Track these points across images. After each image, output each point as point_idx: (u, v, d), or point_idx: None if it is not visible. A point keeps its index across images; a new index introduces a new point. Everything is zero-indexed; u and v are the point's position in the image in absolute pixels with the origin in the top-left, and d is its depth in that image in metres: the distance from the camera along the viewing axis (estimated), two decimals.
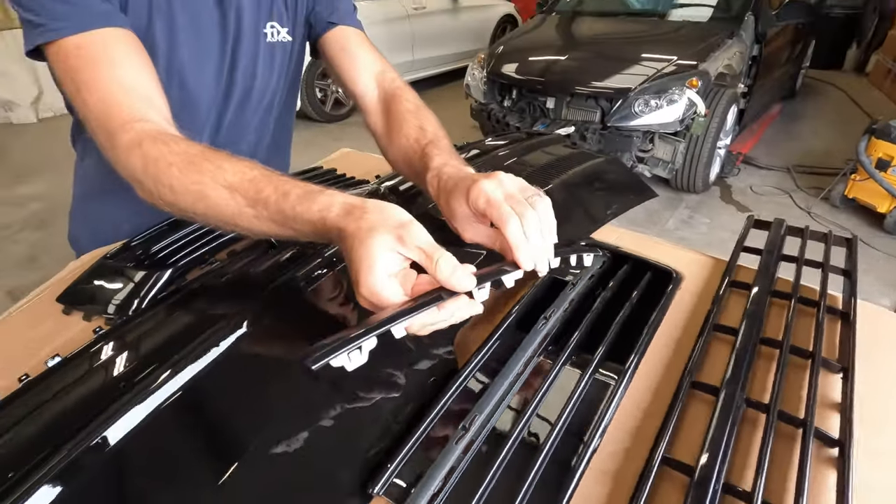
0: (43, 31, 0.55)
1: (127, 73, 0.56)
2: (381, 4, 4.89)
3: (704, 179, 2.95)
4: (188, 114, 0.73)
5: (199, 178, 0.49)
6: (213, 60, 0.72)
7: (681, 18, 3.31)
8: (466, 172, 0.54)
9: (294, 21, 0.79)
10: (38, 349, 0.61)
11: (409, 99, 0.73)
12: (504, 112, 3.12)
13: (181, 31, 0.68)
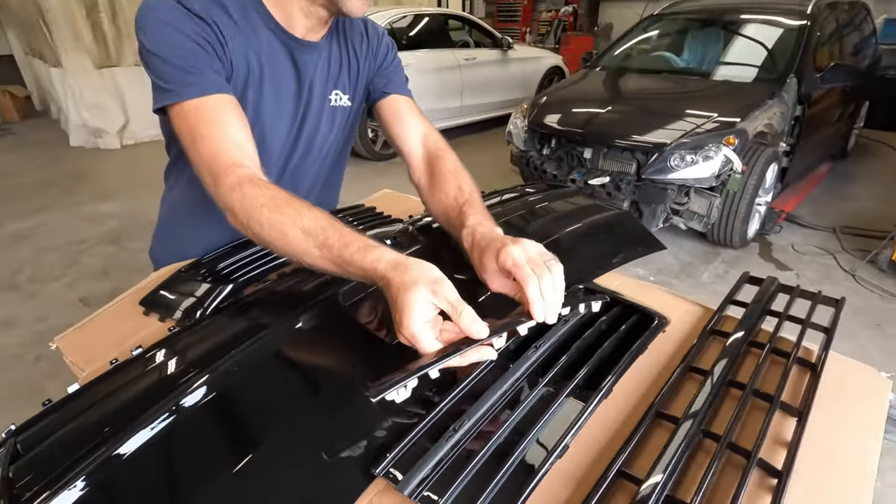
0: (170, 95, 0.73)
1: (231, 130, 0.72)
2: (435, 54, 5.23)
3: (742, 235, 2.94)
4: (262, 159, 0.89)
5: (282, 219, 0.63)
6: (287, 119, 0.89)
7: (724, 78, 3.39)
8: (497, 234, 0.66)
9: (354, 89, 0.96)
10: (124, 341, 0.75)
11: (450, 160, 0.87)
12: (542, 160, 3.25)
13: (266, 97, 0.85)
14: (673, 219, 2.94)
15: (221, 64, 0.76)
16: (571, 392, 0.58)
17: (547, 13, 9.55)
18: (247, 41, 0.80)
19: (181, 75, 0.72)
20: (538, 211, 1.03)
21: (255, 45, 0.81)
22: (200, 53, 0.73)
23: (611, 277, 0.89)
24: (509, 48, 5.86)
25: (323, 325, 0.68)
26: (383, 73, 0.97)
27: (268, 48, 0.82)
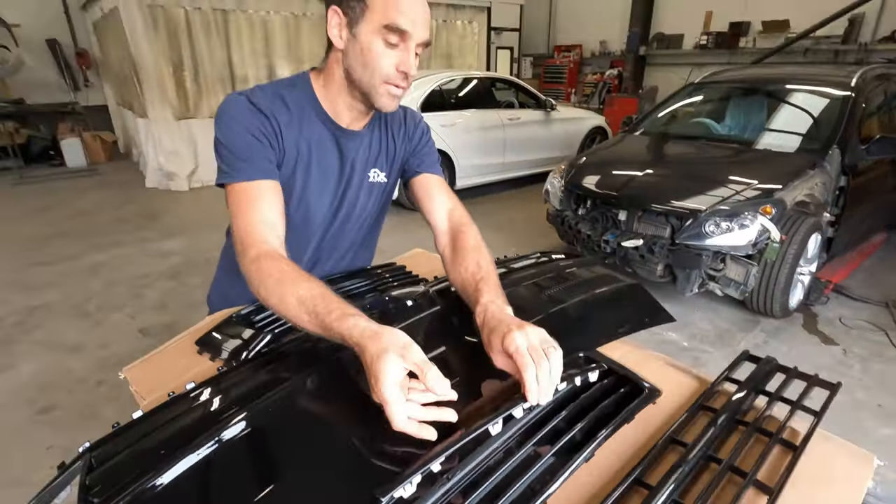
0: (225, 176, 0.91)
1: (264, 210, 0.88)
2: (480, 114, 5.51)
3: (783, 305, 2.86)
4: (306, 226, 1.06)
5: (282, 289, 0.76)
6: (329, 194, 1.05)
7: (765, 147, 3.40)
8: (505, 316, 0.74)
9: (391, 168, 1.11)
10: (180, 376, 0.88)
11: (472, 236, 0.98)
12: (577, 220, 3.33)
13: (312, 177, 1.01)
14: (709, 284, 2.91)
15: (274, 152, 0.93)
16: (555, 453, 0.65)
17: (592, 75, 9.86)
18: (300, 131, 0.97)
19: (236, 162, 0.90)
20: (552, 278, 1.12)
21: (306, 134, 0.98)
22: (255, 145, 0.90)
23: (616, 345, 0.95)
24: (552, 109, 6.10)
25: (342, 375, 0.78)
26: (417, 155, 1.12)
27: (317, 136, 0.99)
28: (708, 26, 8.03)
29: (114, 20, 6.00)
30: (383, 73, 0.89)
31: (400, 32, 0.86)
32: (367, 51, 0.87)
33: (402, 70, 0.89)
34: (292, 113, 0.95)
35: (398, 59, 0.88)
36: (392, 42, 0.86)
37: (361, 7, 0.85)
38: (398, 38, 0.86)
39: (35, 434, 2.14)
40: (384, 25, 0.85)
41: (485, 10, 8.66)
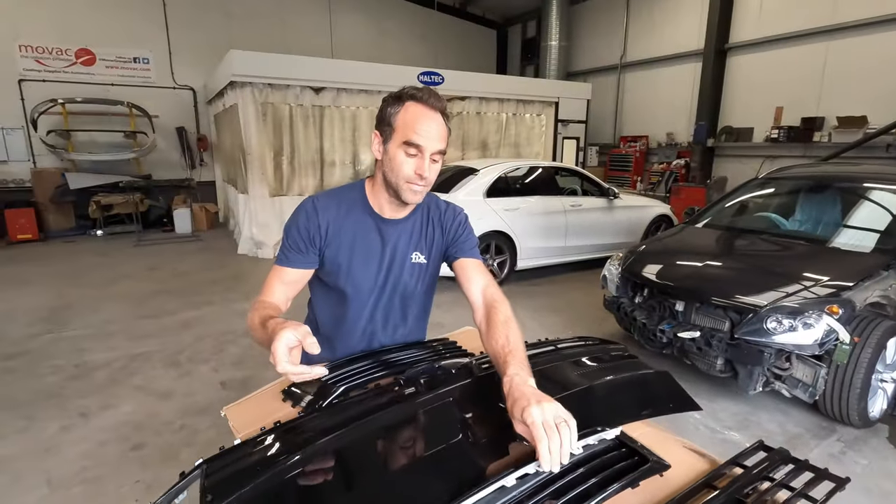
0: (279, 258, 1.30)
1: (277, 289, 1.27)
2: (544, 200, 5.80)
3: (861, 413, 2.66)
4: (357, 295, 1.35)
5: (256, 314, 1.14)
6: (374, 269, 1.33)
7: (834, 245, 3.32)
8: (527, 388, 0.88)
9: (430, 251, 1.37)
10: (268, 416, 1.09)
11: (503, 312, 1.17)
12: (634, 307, 3.37)
13: (357, 255, 1.30)
14: (774, 384, 2.79)
15: (315, 248, 1.29)
16: (572, 501, 0.77)
17: (659, 165, 10.01)
18: (345, 221, 1.30)
19: (289, 252, 1.29)
20: (583, 362, 1.25)
21: (352, 223, 1.31)
22: (300, 241, 1.28)
23: (639, 426, 1.05)
24: (615, 197, 6.27)
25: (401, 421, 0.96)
26: (456, 243, 1.37)
27: (362, 225, 1.31)
28: (779, 121, 8.04)
29: (232, 113, 7.13)
30: (405, 175, 1.19)
31: (416, 146, 1.16)
32: (394, 160, 1.20)
33: (418, 173, 1.18)
34: (341, 208, 1.30)
35: (416, 165, 1.18)
36: (411, 153, 1.18)
37: (391, 130, 1.19)
38: (416, 150, 1.17)
39: (126, 468, 2.42)
40: (404, 142, 1.17)
41: (553, 105, 9.28)
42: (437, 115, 1.18)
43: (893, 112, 6.60)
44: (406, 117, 1.16)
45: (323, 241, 1.28)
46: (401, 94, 1.19)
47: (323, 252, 1.29)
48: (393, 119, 1.18)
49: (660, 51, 9.99)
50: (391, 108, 1.19)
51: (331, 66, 7.26)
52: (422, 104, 1.16)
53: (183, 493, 0.91)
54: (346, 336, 1.39)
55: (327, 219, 1.28)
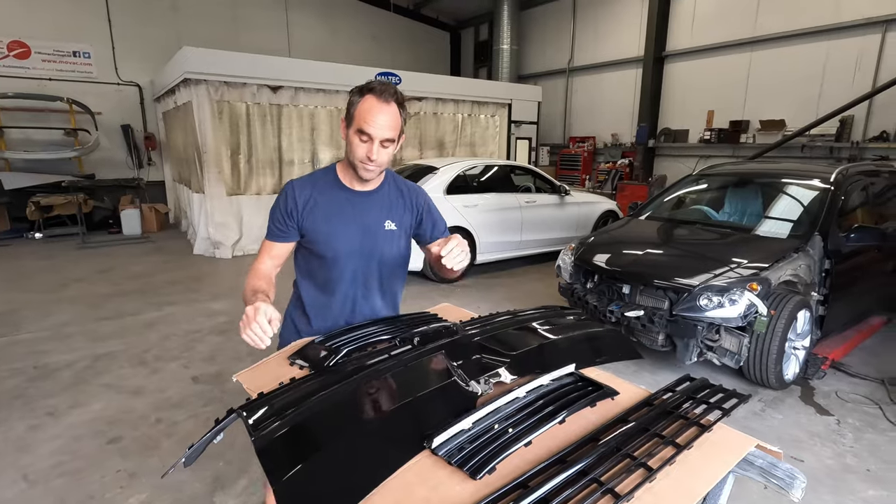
0: (267, 234, 1.55)
1: (266, 261, 1.54)
2: (501, 197, 6.08)
3: (778, 376, 3.08)
4: (339, 264, 1.54)
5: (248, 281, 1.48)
6: (351, 236, 1.53)
7: (754, 233, 3.77)
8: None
9: (399, 221, 1.61)
10: (280, 377, 1.25)
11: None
12: (586, 292, 3.69)
13: (334, 225, 1.52)
14: (707, 354, 3.17)
15: (294, 222, 1.51)
16: (544, 417, 0.99)
17: (605, 164, 10.60)
18: (322, 197, 1.51)
19: (274, 225, 1.54)
20: (553, 321, 1.48)
21: (328, 198, 1.52)
22: (281, 219, 1.51)
23: (592, 371, 1.30)
24: (566, 194, 6.66)
25: (400, 368, 1.15)
26: (432, 225, 1.65)
27: (337, 197, 1.53)
28: (710, 123, 8.77)
29: (185, 111, 6.99)
30: (359, 157, 1.42)
31: (367, 134, 1.38)
32: (351, 144, 1.43)
33: (368, 156, 1.41)
34: (316, 186, 1.52)
35: (367, 150, 1.40)
36: (363, 139, 1.39)
37: (351, 119, 1.41)
38: (367, 138, 1.38)
39: (106, 460, 2.46)
40: (357, 130, 1.39)
41: (506, 106, 9.64)
42: (389, 108, 1.36)
43: (808, 116, 7.38)
44: (362, 109, 1.37)
45: (300, 214, 1.49)
46: (363, 87, 1.39)
47: (301, 224, 1.50)
48: (353, 109, 1.39)
49: (604, 56, 10.59)
50: (354, 98, 1.40)
51: (288, 65, 7.25)
52: (376, 97, 1.36)
53: (220, 434, 1.07)
54: (330, 307, 1.58)
55: (304, 196, 1.50)
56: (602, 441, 0.93)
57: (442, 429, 0.94)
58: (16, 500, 2.18)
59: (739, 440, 1.00)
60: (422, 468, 0.89)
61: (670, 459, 0.90)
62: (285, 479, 0.82)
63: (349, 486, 0.84)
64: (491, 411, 1.00)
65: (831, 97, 7.23)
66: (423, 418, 1.00)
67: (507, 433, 0.94)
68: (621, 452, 0.91)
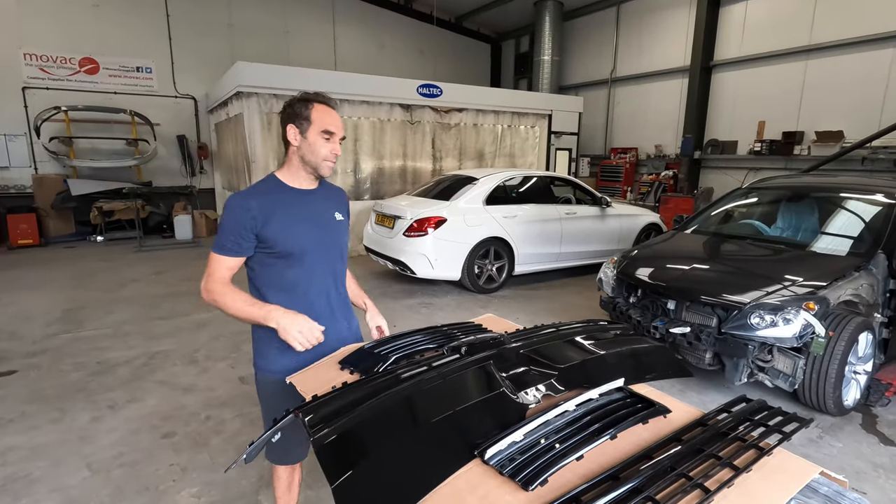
0: (219, 249, 1.51)
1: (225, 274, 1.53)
2: (540, 208, 6.05)
3: (837, 402, 2.91)
4: (306, 260, 1.57)
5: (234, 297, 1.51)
6: (310, 231, 1.58)
7: (811, 249, 3.60)
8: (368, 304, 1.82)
9: (345, 216, 1.71)
10: (331, 381, 1.30)
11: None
12: (628, 307, 3.61)
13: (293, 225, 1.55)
14: (758, 375, 3.04)
15: (251, 233, 1.49)
16: (595, 432, 0.99)
17: (648, 175, 10.35)
18: (273, 202, 1.52)
19: (221, 243, 1.51)
20: (598, 336, 1.47)
21: (279, 202, 1.54)
22: (236, 233, 1.49)
23: (642, 388, 1.27)
24: (607, 206, 6.55)
25: (442, 379, 1.17)
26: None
27: (287, 199, 1.56)
28: (761, 134, 8.43)
29: (237, 122, 7.32)
30: (323, 154, 1.53)
31: (330, 133, 1.52)
32: (314, 144, 1.52)
33: (334, 153, 1.54)
34: (263, 196, 1.53)
35: (331, 147, 1.54)
36: (326, 138, 1.52)
37: (308, 123, 1.51)
38: (330, 136, 1.52)
39: (160, 453, 2.59)
40: (322, 130, 1.51)
41: (546, 117, 9.60)
42: (336, 112, 1.55)
43: (868, 127, 7.00)
44: (319, 113, 1.51)
45: (258, 225, 1.49)
46: (307, 97, 1.52)
47: (260, 233, 1.50)
48: (308, 115, 1.50)
49: (648, 66, 10.39)
50: (302, 107, 1.51)
51: (334, 78, 7.50)
52: (325, 104, 1.53)
53: (277, 434, 1.12)
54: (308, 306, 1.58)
55: (255, 206, 1.49)
56: (655, 459, 0.92)
57: (493, 439, 0.95)
58: (80, 487, 2.32)
59: (802, 466, 0.96)
60: (472, 477, 0.91)
61: (728, 482, 0.88)
62: (343, 479, 0.86)
63: (402, 489, 0.87)
64: (541, 423, 1.00)
65: (894, 107, 6.83)
66: (472, 427, 1.01)
67: (557, 447, 0.94)
68: (676, 472, 0.89)
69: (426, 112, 8.09)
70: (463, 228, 5.51)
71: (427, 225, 5.38)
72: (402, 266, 5.53)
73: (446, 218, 5.44)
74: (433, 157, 8.37)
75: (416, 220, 5.43)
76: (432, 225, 5.38)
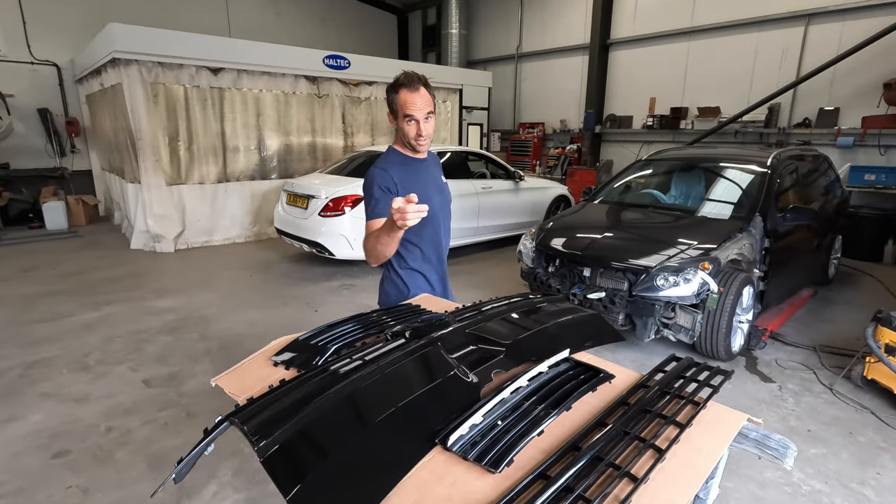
0: (371, 214, 1.80)
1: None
2: (457, 183, 6.04)
3: (726, 349, 3.30)
4: (432, 218, 1.77)
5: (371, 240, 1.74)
6: (437, 197, 1.92)
7: (702, 214, 3.99)
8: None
9: (445, 180, 2.07)
10: (265, 380, 1.18)
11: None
12: (548, 276, 3.76)
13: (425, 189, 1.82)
14: (664, 331, 3.34)
15: (392, 194, 1.74)
16: (550, 405, 0.99)
17: (555, 150, 10.83)
18: (405, 171, 1.84)
19: (372, 209, 1.79)
20: (533, 309, 1.49)
21: (406, 171, 1.84)
22: (383, 195, 1.77)
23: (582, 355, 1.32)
24: (521, 179, 6.75)
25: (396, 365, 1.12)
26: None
27: (411, 168, 1.86)
28: (652, 110, 9.13)
29: (114, 93, 6.44)
30: (411, 135, 1.79)
31: (411, 117, 1.75)
32: (402, 129, 1.79)
33: (418, 133, 1.78)
34: (393, 165, 1.83)
35: (416, 129, 1.78)
36: (410, 122, 1.76)
37: (395, 111, 1.78)
38: (412, 119, 1.75)
39: (53, 476, 2.26)
40: (404, 115, 1.75)
41: (457, 92, 9.59)
42: (419, 91, 1.72)
43: (739, 103, 7.85)
44: (400, 100, 1.73)
45: (396, 188, 1.78)
46: (394, 84, 1.74)
47: (399, 194, 1.70)
48: (394, 104, 1.75)
49: (551, 43, 10.74)
50: (391, 96, 1.75)
51: (230, 46, 6.82)
52: (406, 88, 1.71)
53: (210, 446, 1.00)
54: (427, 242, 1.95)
55: (394, 173, 1.80)
56: (609, 425, 0.95)
57: (453, 424, 0.92)
58: None
59: (732, 415, 1.04)
60: (436, 466, 0.87)
61: (675, 438, 0.93)
62: (298, 489, 0.78)
63: (364, 490, 0.81)
64: (497, 402, 0.99)
65: (761, 86, 7.72)
66: (428, 415, 0.97)
67: (518, 425, 0.93)
68: (630, 435, 0.92)
69: (334, 85, 7.70)
70: None
71: (344, 204, 5.18)
72: (320, 248, 5.30)
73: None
74: (344, 132, 8.03)
75: (331, 199, 5.19)
76: (349, 204, 5.19)
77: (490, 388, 1.07)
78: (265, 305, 4.50)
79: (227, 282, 5.21)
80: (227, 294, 4.80)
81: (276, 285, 5.13)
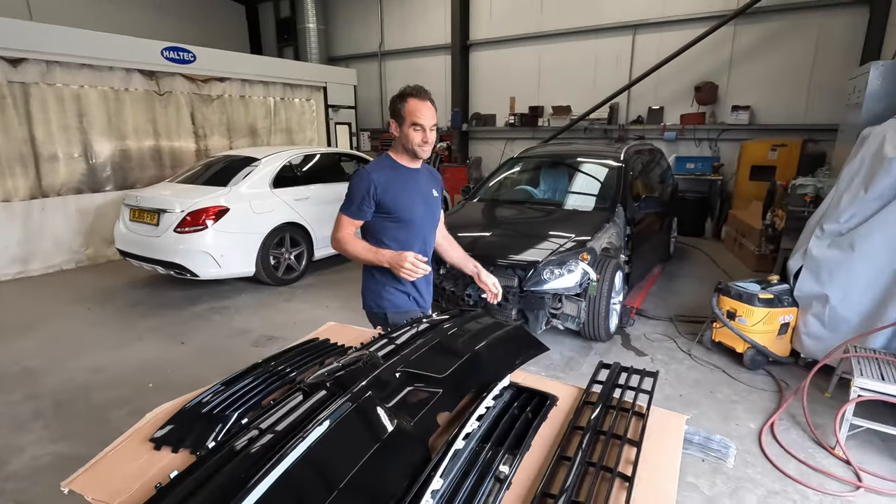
0: (348, 213, 1.88)
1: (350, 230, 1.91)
2: (333, 187, 5.75)
3: (606, 330, 3.59)
4: (414, 223, 1.93)
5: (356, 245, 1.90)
6: (417, 201, 1.94)
7: (573, 207, 4.30)
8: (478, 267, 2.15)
9: (439, 193, 2.07)
10: (145, 472, 0.91)
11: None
12: (441, 279, 3.72)
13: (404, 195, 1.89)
14: (553, 321, 3.52)
15: (370, 198, 1.84)
16: (507, 449, 0.90)
17: None
18: (392, 177, 1.88)
19: (351, 208, 1.87)
20: (458, 332, 1.39)
21: (395, 176, 1.89)
22: (362, 199, 1.84)
23: (516, 374, 1.26)
24: None
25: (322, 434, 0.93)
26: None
27: (402, 175, 1.91)
28: (513, 109, 9.71)
29: None
30: (416, 141, 1.85)
31: (419, 125, 1.82)
32: (408, 135, 1.84)
33: (423, 140, 1.85)
34: (386, 173, 1.88)
35: (421, 136, 1.84)
36: (416, 129, 1.83)
37: (402, 118, 1.83)
38: (420, 127, 1.83)
39: None
40: (412, 123, 1.82)
41: (321, 89, 9.13)
42: (427, 103, 1.82)
43: (587, 103, 8.70)
44: (409, 108, 1.81)
45: (377, 192, 1.85)
46: (401, 94, 1.83)
47: (379, 200, 1.86)
48: (402, 111, 1.82)
49: (413, 42, 10.79)
50: (398, 104, 1.83)
51: (32, 31, 5.56)
52: (416, 98, 1.81)
53: None
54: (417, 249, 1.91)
55: (376, 178, 1.85)
56: (574, 460, 0.89)
57: (409, 496, 0.78)
58: None
59: (672, 419, 1.07)
60: None
61: (636, 460, 0.90)
62: None
63: None
64: (451, 456, 0.87)
65: (603, 87, 8.64)
66: (377, 487, 0.82)
67: (483, 482, 0.83)
68: (596, 465, 0.88)
69: (178, 81, 6.77)
70: (250, 217, 4.87)
71: (205, 217, 4.57)
72: (179, 269, 4.61)
73: (228, 207, 4.71)
74: (195, 134, 7.13)
75: (189, 212, 4.55)
76: (212, 216, 4.59)
77: (439, 436, 0.95)
78: (113, 344, 3.77)
79: (58, 320, 4.27)
80: (58, 336, 3.92)
81: (126, 317, 4.34)
